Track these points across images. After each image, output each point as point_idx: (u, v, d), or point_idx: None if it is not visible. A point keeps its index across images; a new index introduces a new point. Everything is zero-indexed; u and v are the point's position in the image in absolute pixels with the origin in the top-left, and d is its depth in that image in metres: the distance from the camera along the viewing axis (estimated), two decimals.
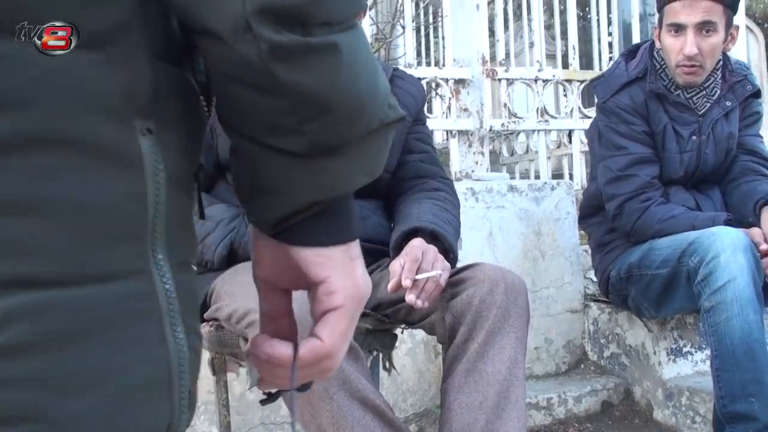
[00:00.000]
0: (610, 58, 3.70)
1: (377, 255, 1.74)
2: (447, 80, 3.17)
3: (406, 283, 1.45)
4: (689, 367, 2.55)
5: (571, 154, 3.78)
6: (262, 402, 0.66)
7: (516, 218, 2.72)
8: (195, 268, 0.70)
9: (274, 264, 0.62)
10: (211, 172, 1.70)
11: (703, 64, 2.23)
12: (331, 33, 0.53)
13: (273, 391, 0.66)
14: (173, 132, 0.56)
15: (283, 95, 0.53)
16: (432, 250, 1.54)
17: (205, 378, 1.85)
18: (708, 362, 2.12)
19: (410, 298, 1.46)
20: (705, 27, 2.19)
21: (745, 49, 4.53)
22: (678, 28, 2.21)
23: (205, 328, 1.66)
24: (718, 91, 2.34)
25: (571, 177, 3.82)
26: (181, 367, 0.55)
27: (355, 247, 0.60)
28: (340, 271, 0.59)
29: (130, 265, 0.52)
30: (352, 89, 0.54)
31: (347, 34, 0.54)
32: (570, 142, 3.81)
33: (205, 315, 1.65)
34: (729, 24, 2.24)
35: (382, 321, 1.68)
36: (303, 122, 0.53)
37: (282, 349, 0.61)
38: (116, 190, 0.51)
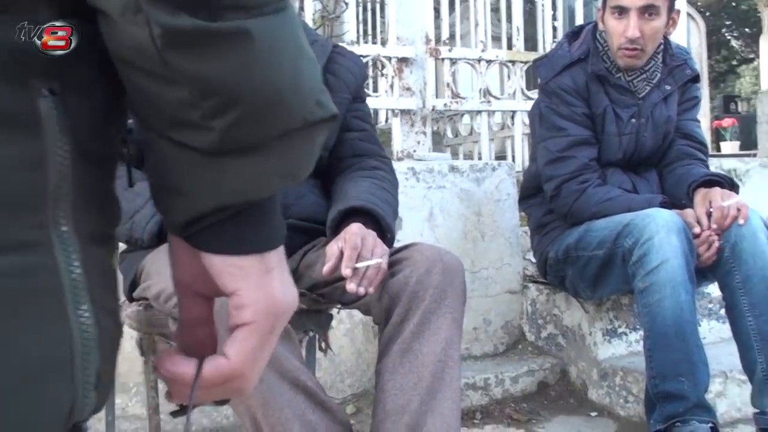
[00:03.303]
0: (554, 42, 3.71)
1: (313, 234, 1.71)
2: (390, 58, 3.14)
3: (347, 272, 1.44)
4: (623, 348, 2.59)
5: (514, 135, 3.79)
6: (173, 414, 0.62)
7: (457, 199, 2.72)
8: (119, 241, 0.65)
9: (190, 267, 0.56)
10: (141, 146, 1.65)
11: (644, 47, 2.25)
12: (245, 17, 0.47)
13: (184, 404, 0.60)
14: (86, 95, 0.51)
15: (182, 86, 0.47)
16: (371, 235, 1.52)
17: (137, 359, 1.81)
18: (641, 344, 2.15)
19: (351, 287, 1.44)
20: (648, 10, 2.20)
21: (685, 36, 4.61)
22: (621, 11, 2.22)
23: (133, 308, 1.62)
24: (659, 75, 2.36)
25: (513, 159, 3.83)
26: (85, 346, 0.51)
27: (273, 257, 0.55)
28: (252, 282, 0.54)
29: (26, 236, 0.48)
30: (267, 82, 0.49)
31: (267, 18, 0.49)
32: (513, 123, 3.82)
33: (134, 294, 1.61)
34: (671, 8, 2.26)
35: (317, 301, 1.66)
36: (209, 117, 0.48)
37: (183, 367, 0.56)
38: (8, 155, 0.47)
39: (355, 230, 1.51)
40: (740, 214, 2.06)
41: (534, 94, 3.29)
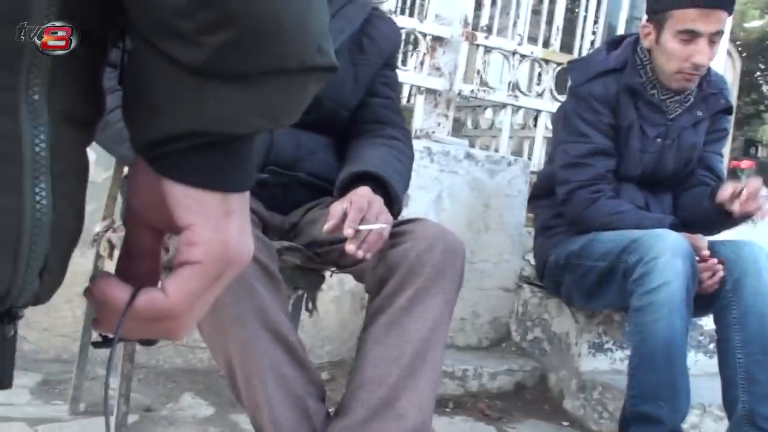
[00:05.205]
0: None
1: (320, 192, 1.69)
2: (425, 35, 3.09)
3: (348, 232, 1.40)
4: (607, 363, 2.57)
5: (534, 137, 3.75)
6: (95, 345, 0.58)
7: (467, 186, 2.69)
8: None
9: (148, 194, 0.53)
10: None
11: (703, 72, 2.21)
12: None
13: (110, 335, 0.56)
14: None
15: None
16: (378, 201, 1.49)
17: None
18: (626, 363, 2.13)
19: (350, 248, 1.41)
20: (716, 37, 2.15)
21: (722, 70, 4.55)
22: (691, 35, 2.14)
23: None
24: (692, 99, 2.32)
25: (530, 159, 3.79)
26: (36, 227, 0.48)
27: (236, 200, 0.52)
28: (210, 221, 0.51)
29: None
30: (270, 8, 0.45)
31: None
32: (536, 125, 3.78)
33: None
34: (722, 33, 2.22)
35: (312, 259, 1.64)
36: (201, 31, 0.45)
37: (118, 292, 0.53)
38: None
39: (363, 193, 1.48)
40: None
41: (563, 98, 3.24)
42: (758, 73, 18.54)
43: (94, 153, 2.19)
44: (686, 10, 2.13)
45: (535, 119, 3.82)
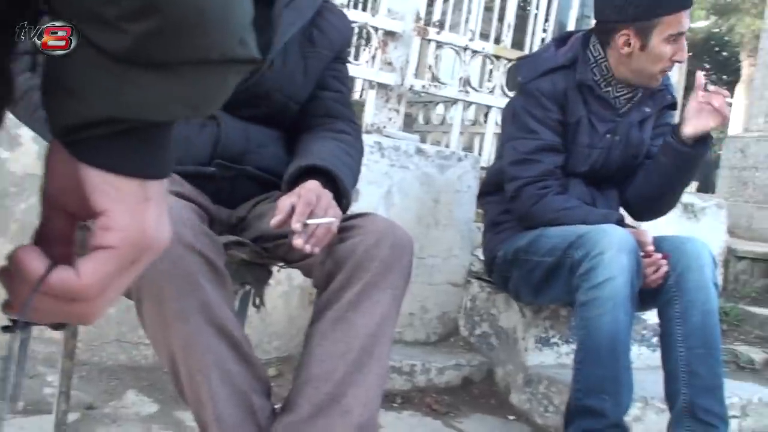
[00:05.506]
0: None
1: (268, 186, 1.67)
2: (377, 30, 3.08)
3: (296, 226, 1.39)
4: (553, 358, 2.60)
5: (484, 133, 3.77)
6: (3, 329, 0.56)
7: (417, 182, 2.69)
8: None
9: (63, 178, 0.53)
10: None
11: None
12: None
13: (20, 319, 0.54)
14: None
15: None
16: (326, 195, 1.48)
17: None
18: (571, 357, 2.15)
19: (298, 242, 1.39)
20: None
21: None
22: (678, 36, 2.19)
23: None
24: (640, 95, 2.36)
25: (480, 155, 3.81)
26: None
27: (154, 187, 0.52)
28: (126, 207, 0.51)
29: None
30: (194, 0, 0.46)
31: None
32: (486, 121, 3.80)
33: None
34: None
35: (259, 254, 1.62)
36: (126, 18, 0.45)
37: (35, 262, 0.51)
38: None
39: (312, 187, 1.46)
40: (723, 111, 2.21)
41: (513, 94, 3.27)
42: (703, 73, 18.95)
43: (36, 146, 2.13)
44: (678, 14, 2.17)
45: (486, 115, 3.85)
